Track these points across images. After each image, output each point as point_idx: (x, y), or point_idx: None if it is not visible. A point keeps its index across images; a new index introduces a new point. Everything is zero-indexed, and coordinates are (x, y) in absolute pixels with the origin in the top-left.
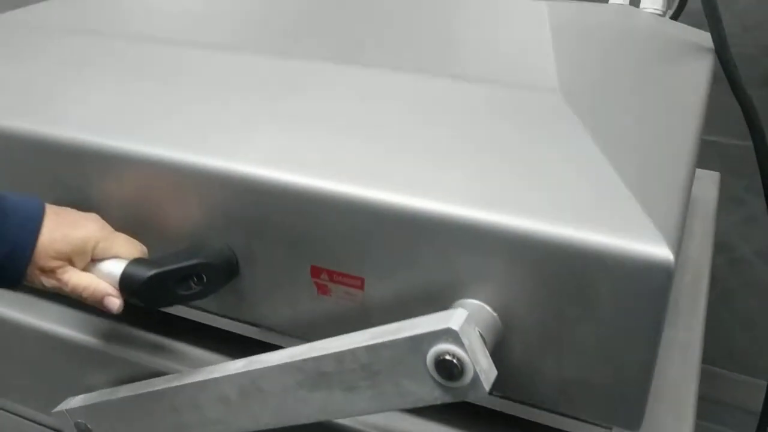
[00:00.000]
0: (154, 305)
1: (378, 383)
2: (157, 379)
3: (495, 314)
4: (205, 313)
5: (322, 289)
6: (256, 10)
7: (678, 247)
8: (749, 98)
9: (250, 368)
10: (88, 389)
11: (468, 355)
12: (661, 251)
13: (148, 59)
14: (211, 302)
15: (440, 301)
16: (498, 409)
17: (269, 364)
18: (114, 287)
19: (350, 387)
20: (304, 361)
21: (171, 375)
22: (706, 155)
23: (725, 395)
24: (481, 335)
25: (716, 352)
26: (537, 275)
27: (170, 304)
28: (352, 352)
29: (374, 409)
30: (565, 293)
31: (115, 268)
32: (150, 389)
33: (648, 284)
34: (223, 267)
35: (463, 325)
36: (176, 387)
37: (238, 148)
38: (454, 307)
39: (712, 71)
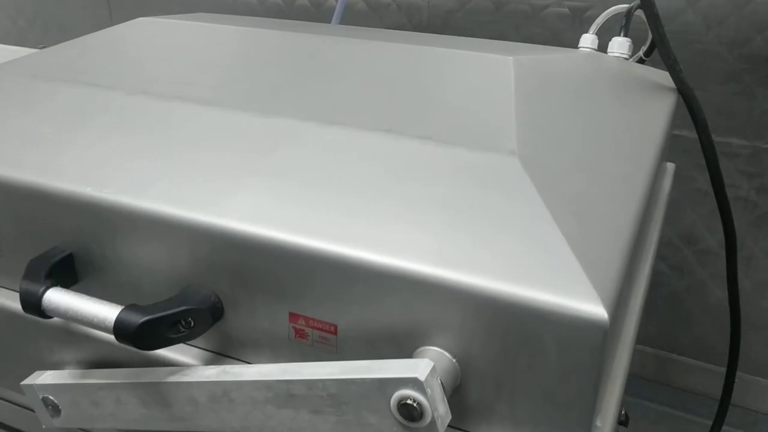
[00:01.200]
0: (146, 348)
1: (343, 412)
2: (129, 370)
3: (454, 360)
4: None
5: (300, 334)
6: (244, 67)
7: (614, 307)
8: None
9: (222, 378)
10: (55, 366)
11: (429, 402)
12: (597, 311)
13: (140, 113)
14: (198, 340)
15: (405, 346)
16: None
17: (241, 378)
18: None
19: (317, 411)
20: (277, 381)
21: (143, 369)
22: (672, 149)
23: (690, 383)
24: (442, 384)
25: (683, 341)
26: (489, 328)
27: (161, 347)
28: (323, 382)
29: None
30: (514, 344)
31: (110, 313)
32: (121, 380)
33: (585, 339)
34: (210, 312)
35: (427, 376)
36: (147, 383)
37: (223, 204)
38: (419, 354)
39: (674, 108)
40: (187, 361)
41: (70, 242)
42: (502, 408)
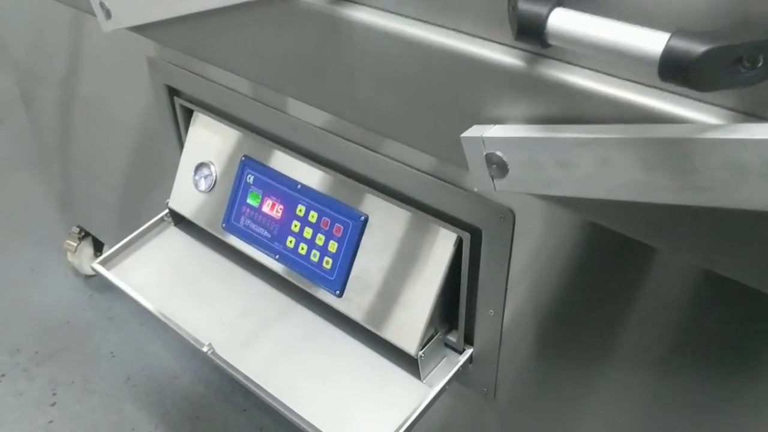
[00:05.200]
0: (700, 87)
1: None
2: (631, 126)
3: None
4: None
5: None
6: None
7: None
8: None
9: None
10: (495, 122)
11: None
12: None
13: None
14: (718, 95)
15: None
16: None
17: None
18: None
19: None
20: None
21: (656, 126)
22: None
23: None
24: None
25: None
26: None
27: (717, 89)
28: None
29: None
30: None
31: (652, 41)
32: (618, 135)
33: None
34: None
35: None
36: (663, 140)
37: None
38: None
39: None
40: (699, 119)
41: None
42: None
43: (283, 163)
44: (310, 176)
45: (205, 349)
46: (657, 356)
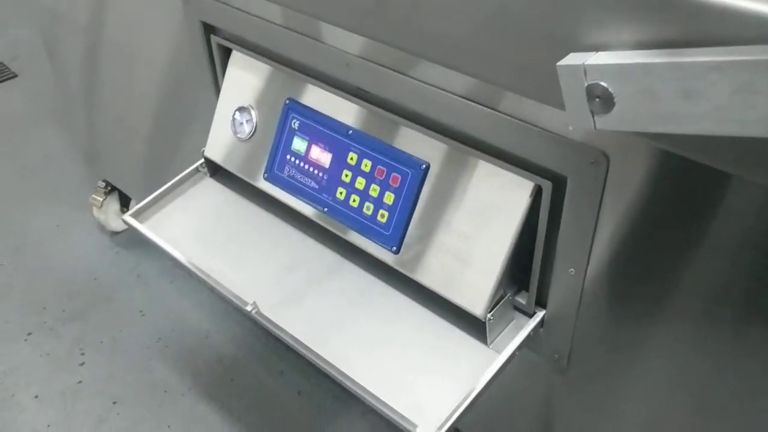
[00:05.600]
0: None
1: None
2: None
3: None
4: None
5: None
6: None
7: None
8: None
9: None
10: (596, 49)
11: None
12: None
13: None
14: None
15: None
16: None
17: None
18: None
19: None
20: None
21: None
22: None
23: None
24: None
25: None
26: None
27: None
28: None
29: None
30: None
31: None
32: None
33: None
34: None
35: None
36: None
37: None
38: None
39: None
40: None
41: None
42: None
43: (333, 105)
44: (364, 120)
45: (249, 308)
46: (760, 322)
